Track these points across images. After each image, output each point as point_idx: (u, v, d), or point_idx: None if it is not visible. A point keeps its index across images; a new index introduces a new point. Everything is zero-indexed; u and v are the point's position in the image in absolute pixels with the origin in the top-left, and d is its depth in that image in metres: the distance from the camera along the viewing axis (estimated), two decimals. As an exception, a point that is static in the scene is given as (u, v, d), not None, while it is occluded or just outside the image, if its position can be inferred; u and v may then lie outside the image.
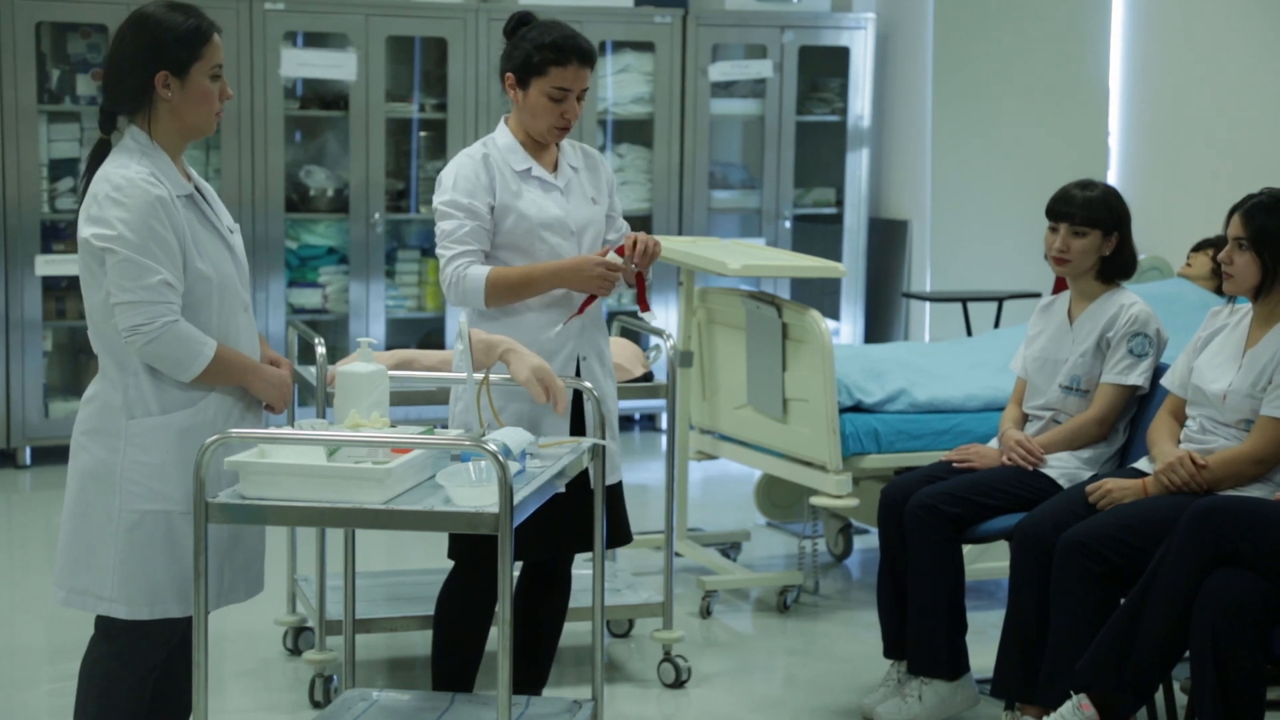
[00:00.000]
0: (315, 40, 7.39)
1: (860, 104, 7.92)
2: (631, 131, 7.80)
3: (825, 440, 4.75)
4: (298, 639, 4.54)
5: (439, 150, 7.46)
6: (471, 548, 3.57)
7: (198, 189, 3.09)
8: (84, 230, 2.96)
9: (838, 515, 5.49)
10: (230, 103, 3.12)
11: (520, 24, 3.66)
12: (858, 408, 4.88)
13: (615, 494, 3.60)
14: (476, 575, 3.59)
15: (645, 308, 3.70)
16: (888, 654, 4.09)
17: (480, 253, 3.60)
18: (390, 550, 5.62)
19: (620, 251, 3.61)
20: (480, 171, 3.62)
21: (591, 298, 3.63)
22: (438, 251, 3.63)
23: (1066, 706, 3.40)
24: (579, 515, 3.54)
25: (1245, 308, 3.78)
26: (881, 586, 4.09)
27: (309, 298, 7.36)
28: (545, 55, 3.57)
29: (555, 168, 3.70)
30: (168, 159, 3.02)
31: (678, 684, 4.33)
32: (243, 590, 3.14)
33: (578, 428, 3.59)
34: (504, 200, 3.63)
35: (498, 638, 2.79)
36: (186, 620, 2.97)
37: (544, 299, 3.62)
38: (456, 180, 3.62)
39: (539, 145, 3.68)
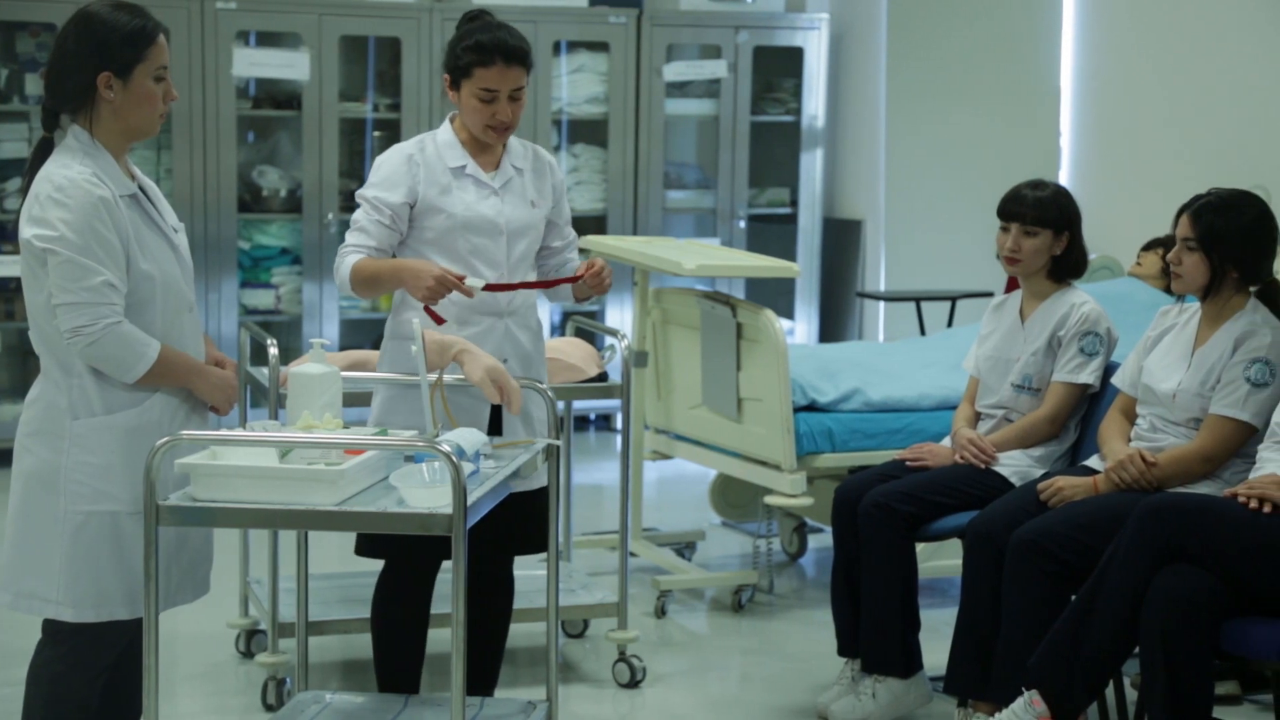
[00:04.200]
0: (267, 40, 7.35)
1: (814, 104, 7.95)
2: (586, 131, 7.79)
3: (780, 439, 4.76)
4: (250, 642, 4.52)
5: (393, 150, 7.42)
6: (395, 545, 3.55)
7: (141, 188, 3.06)
8: (25, 231, 2.93)
9: (792, 514, 5.50)
10: (182, 102, 3.11)
11: (466, 23, 3.64)
12: (812, 407, 4.89)
13: (541, 500, 3.57)
14: (403, 575, 3.58)
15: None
16: (842, 652, 4.11)
17: (373, 248, 3.56)
18: (344, 552, 5.58)
19: (579, 274, 3.60)
20: (403, 167, 3.59)
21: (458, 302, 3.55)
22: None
23: (1018, 703, 3.41)
24: (513, 518, 3.53)
25: (1194, 307, 3.81)
26: (835, 585, 4.10)
27: (262, 298, 7.32)
28: (470, 56, 3.53)
29: (497, 167, 3.65)
30: (110, 159, 2.99)
31: (633, 684, 4.33)
32: (189, 592, 3.12)
33: (495, 428, 3.57)
34: (428, 196, 3.59)
35: (450, 639, 2.78)
36: (135, 623, 2.95)
37: (465, 304, 3.57)
38: (378, 173, 3.61)
39: (482, 144, 3.64)
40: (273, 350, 4.06)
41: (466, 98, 3.56)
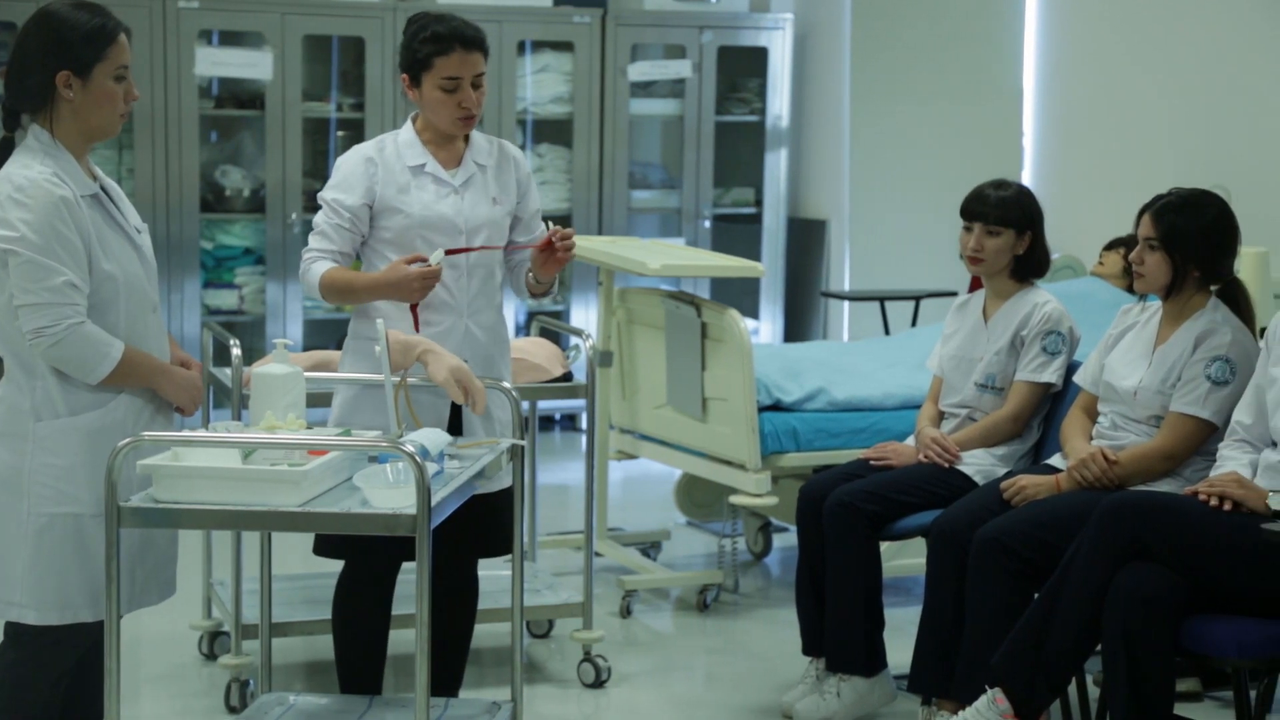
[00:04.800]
0: (230, 39, 7.31)
1: (779, 104, 7.96)
2: (551, 131, 7.78)
3: (744, 439, 4.77)
4: (213, 643, 4.50)
5: (357, 150, 7.40)
6: (355, 546, 3.54)
7: (103, 188, 3.05)
8: (-14, 232, 2.91)
9: (757, 514, 5.51)
10: (144, 102, 3.10)
11: (412, 24, 3.61)
12: (776, 406, 4.90)
13: (505, 500, 3.57)
14: (363, 575, 3.57)
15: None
16: (806, 651, 4.11)
17: (336, 252, 3.56)
18: (307, 553, 5.56)
19: (542, 244, 3.58)
20: (360, 169, 3.58)
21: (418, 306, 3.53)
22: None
23: (982, 701, 3.43)
24: (476, 519, 3.52)
25: (1155, 306, 3.84)
26: (800, 584, 4.11)
27: (225, 299, 7.29)
28: (428, 48, 3.52)
29: (459, 164, 3.63)
30: (71, 159, 2.97)
31: (598, 684, 4.33)
32: (155, 594, 3.10)
33: (455, 428, 3.56)
34: (386, 197, 3.57)
35: (414, 639, 2.78)
36: (98, 625, 2.93)
37: (427, 303, 3.55)
38: (337, 175, 3.60)
39: (445, 141, 3.61)
40: (236, 351, 4.04)
41: (429, 91, 3.55)
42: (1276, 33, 5.78)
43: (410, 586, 3.56)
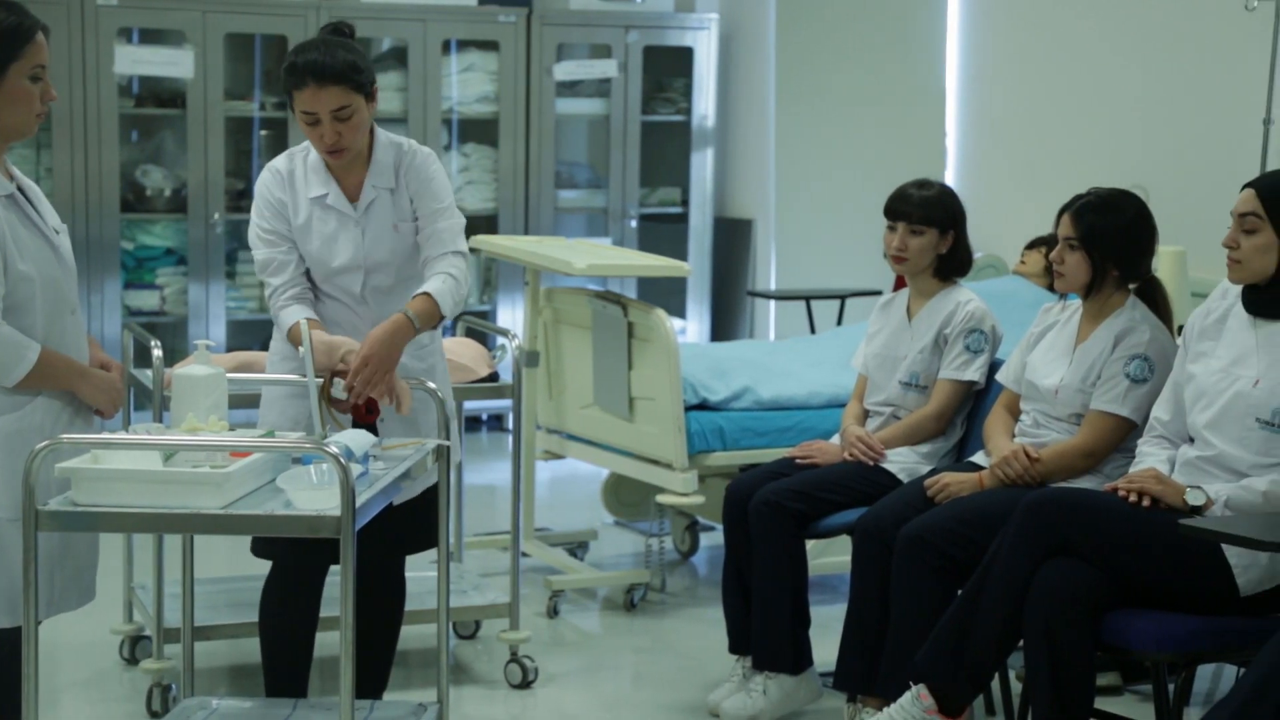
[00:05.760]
0: (150, 37, 7.23)
1: (704, 104, 7.98)
2: (477, 131, 7.76)
3: (671, 438, 4.78)
4: (135, 648, 4.45)
5: (280, 149, 7.24)
6: (283, 548, 3.51)
7: (20, 189, 3.00)
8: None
9: (684, 513, 5.52)
10: (63, 101, 3.06)
11: (332, 32, 3.50)
12: (703, 406, 4.91)
13: (430, 495, 3.55)
14: (291, 577, 3.54)
15: (371, 417, 3.37)
16: (733, 649, 4.13)
17: (291, 286, 3.49)
18: (231, 556, 5.52)
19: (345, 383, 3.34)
20: (277, 193, 3.50)
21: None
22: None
23: (906, 697, 3.45)
24: (403, 516, 3.50)
25: (1076, 305, 3.88)
26: (726, 583, 4.12)
27: (146, 300, 7.21)
28: (287, 80, 3.42)
29: (361, 188, 3.50)
30: (-14, 158, 2.93)
31: (524, 684, 4.32)
32: (74, 598, 3.06)
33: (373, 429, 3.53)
34: (294, 229, 3.51)
35: (339, 642, 2.76)
36: (16, 631, 2.88)
37: (329, 318, 3.51)
38: (258, 201, 3.53)
39: (347, 162, 3.48)
40: (157, 352, 4.00)
41: (298, 121, 3.46)
42: (1193, 35, 5.87)
43: (336, 588, 3.54)
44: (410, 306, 3.39)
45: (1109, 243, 3.72)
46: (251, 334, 7.46)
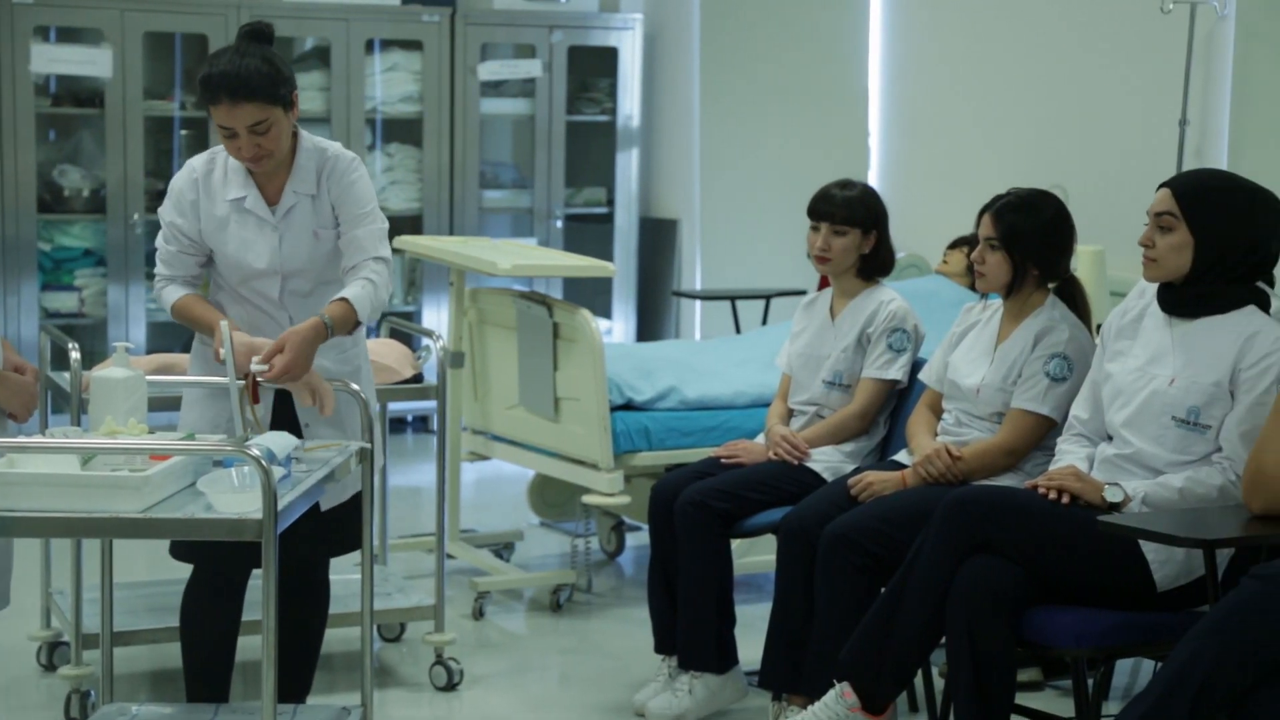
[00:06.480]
0: (68, 36, 7.14)
1: (629, 104, 7.99)
2: (401, 131, 7.72)
3: (597, 439, 4.78)
4: (53, 654, 4.38)
5: (201, 149, 7.23)
6: (203, 552, 3.48)
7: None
8: None
9: (610, 513, 5.52)
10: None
11: (247, 37, 3.44)
12: (629, 406, 4.92)
13: (355, 497, 3.53)
14: (213, 581, 3.51)
15: (255, 399, 3.32)
16: (658, 649, 4.13)
17: (181, 278, 3.48)
18: (152, 560, 5.46)
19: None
20: (189, 193, 3.47)
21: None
22: None
23: (829, 695, 3.47)
24: (327, 518, 3.48)
25: (996, 304, 3.92)
26: (652, 582, 4.13)
27: (64, 301, 7.12)
28: (201, 93, 3.36)
29: (281, 194, 3.46)
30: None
31: (450, 687, 4.31)
32: (-11, 605, 3.02)
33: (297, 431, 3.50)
34: (207, 230, 3.46)
35: (260, 646, 2.74)
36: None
37: (246, 322, 3.48)
38: (171, 194, 3.49)
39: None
40: (74, 354, 3.94)
41: (216, 131, 3.40)
42: (1111, 37, 5.94)
43: (260, 591, 3.52)
44: (327, 311, 3.36)
45: (1029, 242, 3.76)
46: (172, 336, 7.38)
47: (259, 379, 3.26)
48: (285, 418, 3.47)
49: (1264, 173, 3.68)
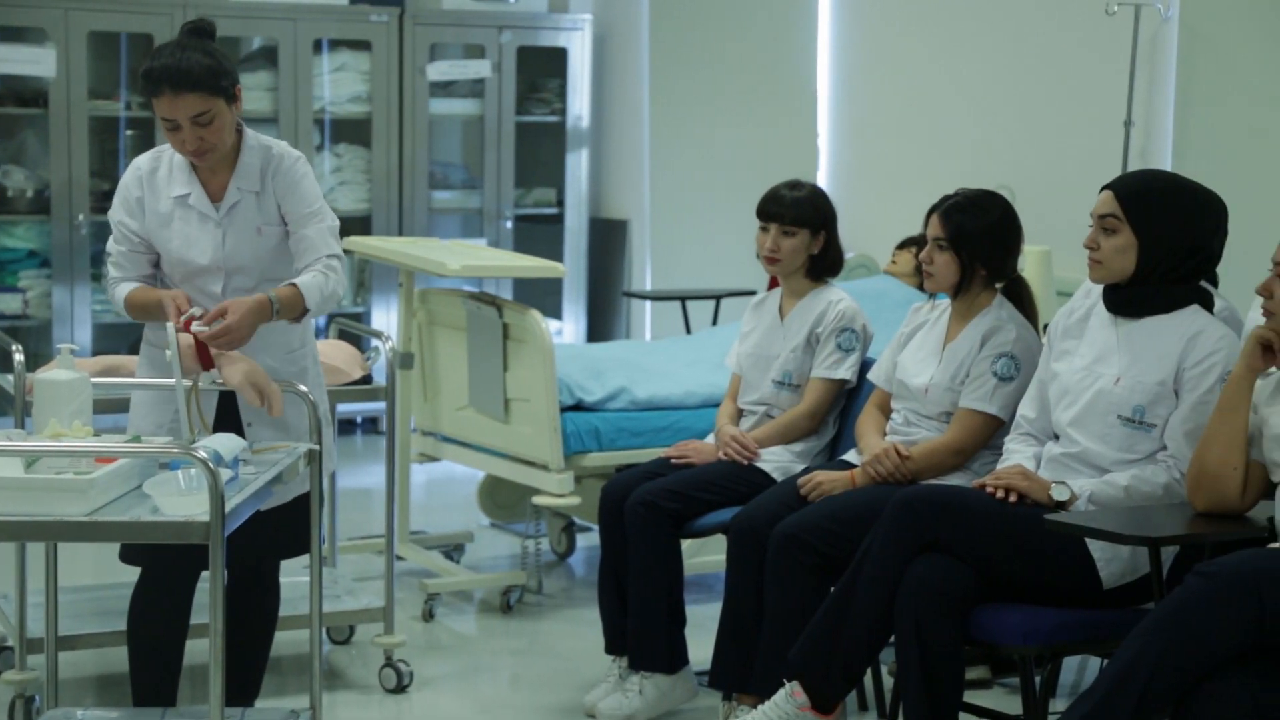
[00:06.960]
0: (10, 35, 7.06)
1: (579, 104, 7.98)
2: (349, 131, 7.69)
3: (547, 439, 4.77)
4: (-3, 659, 4.34)
5: (147, 149, 7.15)
6: (151, 555, 3.46)
7: None
8: None
9: (560, 514, 5.51)
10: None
11: (190, 33, 3.43)
12: (579, 406, 4.91)
13: (304, 500, 3.51)
14: (160, 584, 3.48)
15: (209, 365, 3.34)
16: (609, 650, 4.13)
17: (135, 277, 3.46)
18: (98, 563, 5.41)
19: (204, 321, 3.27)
20: (135, 191, 3.46)
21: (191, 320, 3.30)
22: None
23: (779, 694, 3.48)
24: (276, 520, 3.46)
25: (945, 304, 3.94)
26: (603, 583, 4.13)
27: (8, 303, 7.05)
28: (144, 85, 3.37)
29: (225, 190, 3.46)
30: None
31: (400, 689, 4.29)
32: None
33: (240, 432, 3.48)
34: (151, 227, 3.46)
35: (208, 649, 2.72)
36: None
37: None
38: (119, 194, 3.49)
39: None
40: (18, 356, 3.91)
41: (160, 125, 3.41)
42: (1057, 39, 5.99)
43: (208, 594, 3.49)
44: (275, 291, 3.37)
45: (976, 242, 3.78)
46: (119, 337, 7.32)
47: (199, 337, 3.23)
48: (229, 419, 3.45)
49: (1207, 174, 3.72)
